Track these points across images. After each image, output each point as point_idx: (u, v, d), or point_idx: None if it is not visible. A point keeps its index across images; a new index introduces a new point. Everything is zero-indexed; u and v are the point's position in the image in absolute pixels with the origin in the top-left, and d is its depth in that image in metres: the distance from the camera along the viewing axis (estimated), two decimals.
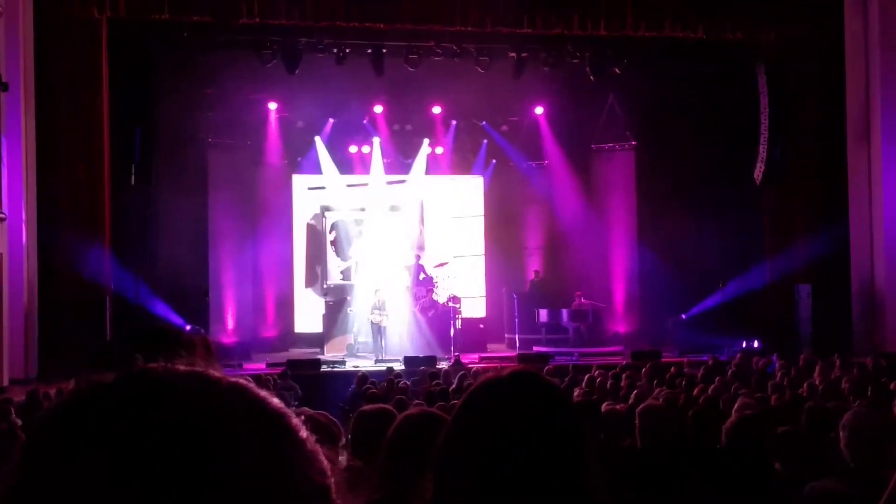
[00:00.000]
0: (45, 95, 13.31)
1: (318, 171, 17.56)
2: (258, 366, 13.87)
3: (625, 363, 12.19)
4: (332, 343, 16.00)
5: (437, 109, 17.52)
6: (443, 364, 13.25)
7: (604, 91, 16.72)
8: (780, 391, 7.66)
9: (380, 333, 15.26)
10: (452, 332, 14.98)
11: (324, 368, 13.65)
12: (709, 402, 6.77)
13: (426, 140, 17.70)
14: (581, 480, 1.38)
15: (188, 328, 12.76)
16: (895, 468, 2.82)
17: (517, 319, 16.07)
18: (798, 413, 5.33)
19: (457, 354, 14.32)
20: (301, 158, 17.71)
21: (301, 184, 18.06)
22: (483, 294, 18.50)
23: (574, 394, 8.14)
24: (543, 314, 16.36)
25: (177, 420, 0.65)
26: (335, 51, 14.68)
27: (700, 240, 15.84)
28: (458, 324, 15.33)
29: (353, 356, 15.35)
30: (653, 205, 16.92)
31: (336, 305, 16.41)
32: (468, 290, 17.49)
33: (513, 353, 15.21)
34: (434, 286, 16.18)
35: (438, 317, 15.57)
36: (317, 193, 18.06)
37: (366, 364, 14.08)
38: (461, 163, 18.46)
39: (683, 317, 15.73)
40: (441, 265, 17.05)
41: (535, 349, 15.60)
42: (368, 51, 14.83)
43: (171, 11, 13.43)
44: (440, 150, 18.06)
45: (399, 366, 13.21)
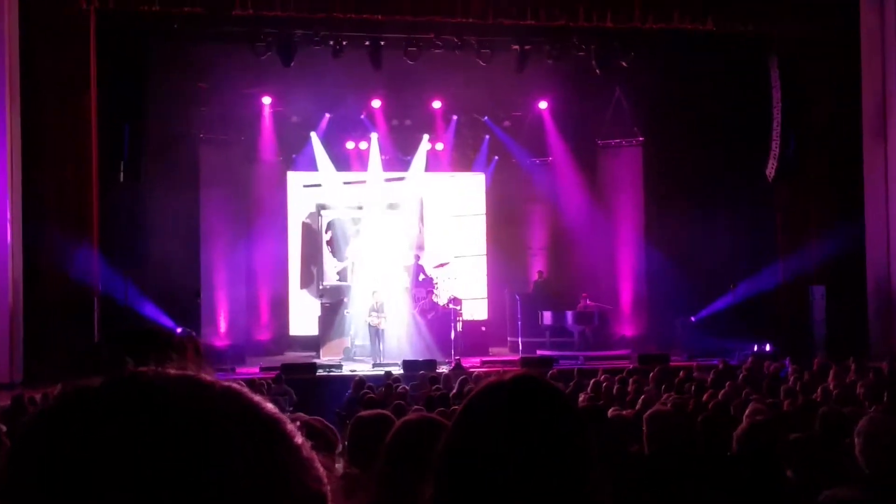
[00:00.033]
0: (31, 90, 13.32)
1: (314, 168, 17.50)
2: (251, 370, 13.90)
3: (632, 367, 12.20)
4: (329, 346, 15.90)
5: (438, 104, 17.40)
6: (443, 368, 13.24)
7: (610, 85, 16.63)
8: (793, 396, 7.72)
9: (378, 336, 15.24)
10: (453, 335, 14.99)
11: (320, 373, 13.62)
12: (719, 408, 6.70)
13: (426, 136, 17.64)
14: (586, 488, 1.38)
15: (179, 330, 12.67)
16: None
17: (520, 322, 16.01)
18: (811, 419, 5.34)
19: (457, 358, 14.26)
20: (296, 155, 17.66)
21: (296, 181, 18.01)
22: (485, 295, 18.44)
23: (579, 399, 8.08)
24: (547, 316, 16.36)
25: (168, 425, 0.64)
26: (331, 43, 14.58)
27: (710, 239, 15.74)
28: (459, 326, 15.39)
29: (350, 360, 15.31)
30: (661, 203, 16.87)
31: (332, 307, 16.32)
32: (469, 292, 17.48)
33: (516, 357, 15.19)
34: (434, 287, 16.15)
35: (438, 319, 15.55)
36: (312, 191, 17.99)
37: (363, 368, 14.06)
38: (462, 159, 18.42)
39: (693, 319, 15.65)
40: (441, 265, 16.99)
41: (539, 353, 15.55)
42: (366, 43, 14.74)
43: (162, 3, 13.39)
44: (440, 147, 18.01)
45: (398, 370, 13.20)
